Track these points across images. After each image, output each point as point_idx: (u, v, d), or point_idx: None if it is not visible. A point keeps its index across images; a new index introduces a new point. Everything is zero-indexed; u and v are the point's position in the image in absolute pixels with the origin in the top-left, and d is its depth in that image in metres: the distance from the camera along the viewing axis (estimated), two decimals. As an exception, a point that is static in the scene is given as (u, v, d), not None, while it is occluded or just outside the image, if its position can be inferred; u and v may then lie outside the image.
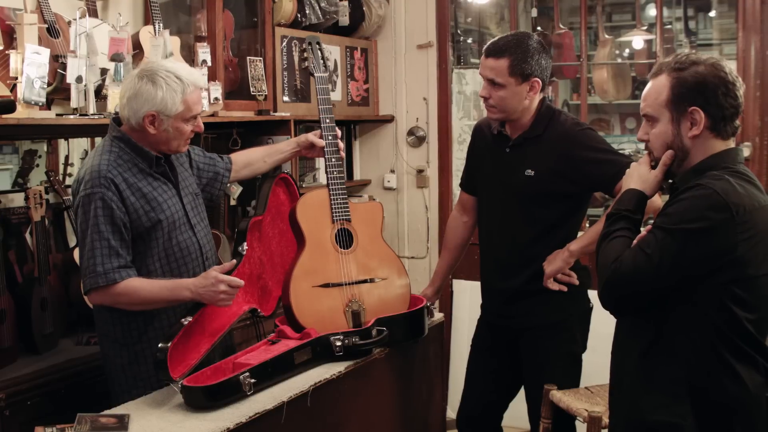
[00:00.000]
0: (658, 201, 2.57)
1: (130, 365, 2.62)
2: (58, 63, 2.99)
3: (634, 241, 2.07)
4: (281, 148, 3.04)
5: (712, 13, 5.69)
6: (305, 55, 3.02)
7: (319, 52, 3.04)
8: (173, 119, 2.55)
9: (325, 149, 2.91)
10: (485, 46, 2.88)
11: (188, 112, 2.57)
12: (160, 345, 2.38)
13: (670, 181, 2.18)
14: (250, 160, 3.04)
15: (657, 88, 2.11)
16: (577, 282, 2.90)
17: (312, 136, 2.98)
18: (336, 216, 2.87)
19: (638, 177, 2.21)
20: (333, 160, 2.90)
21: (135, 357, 2.61)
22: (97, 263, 2.47)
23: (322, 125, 2.92)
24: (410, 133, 4.95)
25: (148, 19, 3.50)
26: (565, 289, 2.88)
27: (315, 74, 2.99)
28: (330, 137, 2.91)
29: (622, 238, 2.10)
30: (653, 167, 2.18)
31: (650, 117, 2.13)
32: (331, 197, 2.87)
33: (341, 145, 2.95)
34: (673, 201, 2.06)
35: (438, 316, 3.22)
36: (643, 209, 2.18)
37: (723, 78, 2.04)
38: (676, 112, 2.07)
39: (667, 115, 2.09)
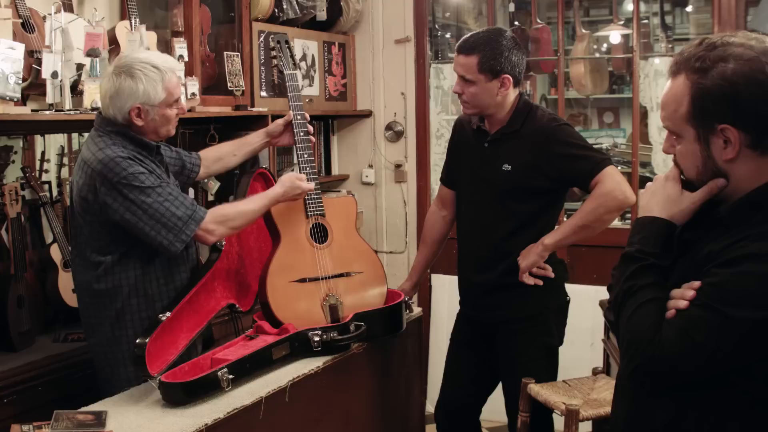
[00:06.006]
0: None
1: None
2: (33, 58, 2.96)
3: (670, 307, 1.55)
4: (250, 140, 3.06)
5: (689, 8, 5.72)
6: (273, 53, 3.04)
7: (288, 50, 3.06)
8: (158, 107, 2.58)
9: (297, 145, 2.93)
10: (457, 43, 2.91)
11: (171, 97, 2.60)
12: (138, 341, 2.38)
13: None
14: (219, 154, 3.05)
15: (675, 95, 1.60)
16: (552, 275, 2.91)
17: (279, 120, 3.01)
18: (310, 211, 2.87)
19: (665, 199, 1.67)
20: (305, 156, 2.91)
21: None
22: (177, 211, 2.50)
23: (293, 122, 2.94)
24: (388, 128, 4.96)
25: (124, 14, 3.48)
26: (540, 283, 2.89)
27: (285, 72, 3.01)
28: (302, 133, 2.93)
29: (653, 303, 1.57)
30: (685, 186, 1.66)
31: (672, 132, 1.64)
32: None
33: (313, 140, 2.97)
34: (728, 262, 1.51)
35: (416, 310, 3.23)
36: (671, 247, 1.66)
37: (760, 80, 1.50)
38: (701, 129, 1.57)
39: (692, 132, 1.59)
